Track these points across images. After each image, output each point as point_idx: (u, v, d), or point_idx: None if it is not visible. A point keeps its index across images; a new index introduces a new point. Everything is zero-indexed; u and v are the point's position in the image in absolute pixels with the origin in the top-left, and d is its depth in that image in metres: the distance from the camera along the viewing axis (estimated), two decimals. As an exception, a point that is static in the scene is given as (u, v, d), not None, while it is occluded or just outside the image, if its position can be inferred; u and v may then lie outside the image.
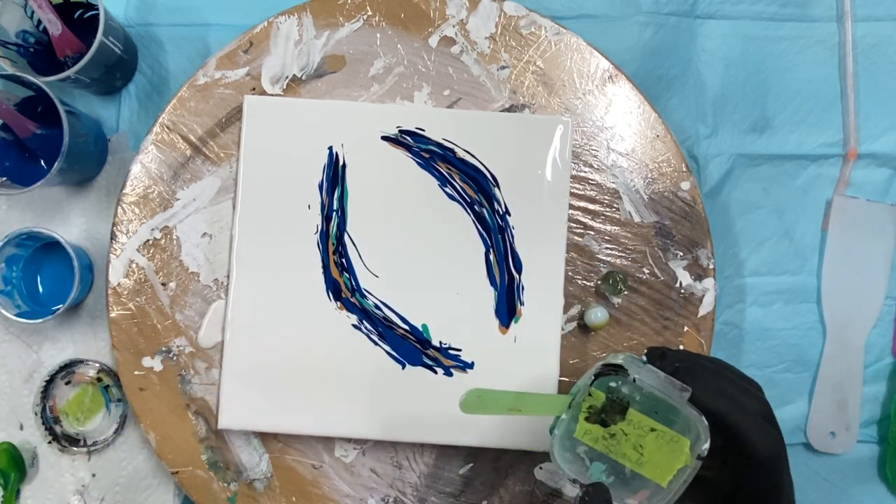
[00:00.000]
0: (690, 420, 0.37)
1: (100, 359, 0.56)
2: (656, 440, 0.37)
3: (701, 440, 0.36)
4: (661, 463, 0.37)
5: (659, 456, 0.37)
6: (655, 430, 0.37)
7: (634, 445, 0.37)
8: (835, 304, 0.57)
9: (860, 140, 0.58)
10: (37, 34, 0.55)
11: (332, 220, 0.54)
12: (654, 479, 0.37)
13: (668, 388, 0.37)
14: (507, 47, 0.56)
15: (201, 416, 0.54)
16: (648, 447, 0.37)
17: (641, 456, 0.37)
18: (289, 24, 0.55)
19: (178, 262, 0.55)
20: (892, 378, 0.57)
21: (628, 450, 0.38)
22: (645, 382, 0.38)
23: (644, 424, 0.37)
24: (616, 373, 0.38)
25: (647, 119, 0.55)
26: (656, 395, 0.38)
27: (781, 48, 0.59)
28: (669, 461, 0.37)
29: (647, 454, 0.37)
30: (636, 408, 0.38)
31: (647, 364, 0.39)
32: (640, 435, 0.37)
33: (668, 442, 0.37)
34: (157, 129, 0.55)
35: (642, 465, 0.37)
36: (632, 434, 0.38)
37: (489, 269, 0.54)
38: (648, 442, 0.37)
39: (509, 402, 0.39)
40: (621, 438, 0.38)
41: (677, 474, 0.37)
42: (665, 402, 0.37)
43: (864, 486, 0.57)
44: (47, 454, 0.56)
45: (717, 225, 0.57)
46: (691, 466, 0.36)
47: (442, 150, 0.54)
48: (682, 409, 0.37)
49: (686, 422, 0.37)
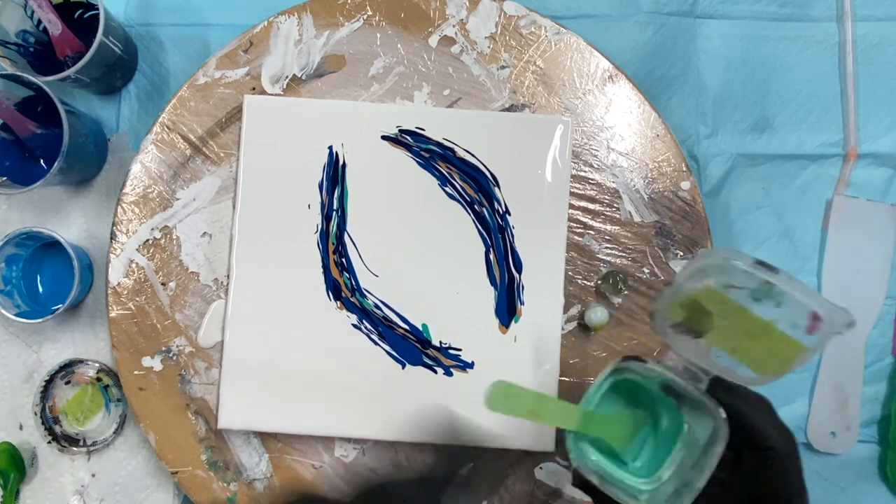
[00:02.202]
0: (705, 413, 0.36)
1: (99, 359, 0.56)
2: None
3: (722, 430, 0.35)
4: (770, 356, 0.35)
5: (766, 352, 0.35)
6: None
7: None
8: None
9: (860, 140, 0.58)
10: (37, 34, 0.55)
11: (332, 220, 0.54)
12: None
13: (686, 381, 0.37)
14: (507, 47, 0.56)
15: (201, 415, 0.54)
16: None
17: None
18: (289, 23, 0.56)
19: (177, 262, 0.55)
20: (892, 378, 0.57)
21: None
22: (657, 375, 0.37)
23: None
24: (634, 359, 0.38)
25: (647, 119, 0.55)
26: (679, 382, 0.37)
27: (781, 48, 0.59)
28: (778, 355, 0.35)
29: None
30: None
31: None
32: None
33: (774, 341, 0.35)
34: (157, 128, 0.55)
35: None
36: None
37: (489, 269, 0.54)
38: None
39: (531, 401, 0.38)
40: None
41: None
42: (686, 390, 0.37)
43: (864, 486, 0.57)
44: (47, 454, 0.56)
45: (717, 225, 0.57)
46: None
47: (442, 149, 0.54)
48: (698, 401, 0.37)
49: (699, 416, 0.37)
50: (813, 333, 0.33)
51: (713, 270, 0.35)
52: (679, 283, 0.36)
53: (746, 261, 0.34)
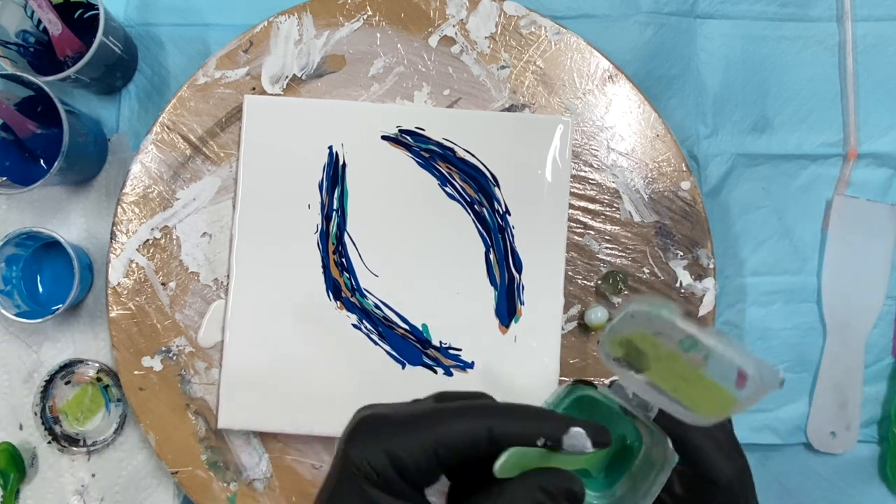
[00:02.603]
0: (658, 438, 0.36)
1: (99, 359, 0.56)
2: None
3: (668, 459, 0.35)
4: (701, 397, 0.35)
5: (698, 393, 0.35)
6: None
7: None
8: (835, 304, 0.57)
9: (860, 140, 0.58)
10: (37, 34, 0.55)
11: (332, 220, 0.54)
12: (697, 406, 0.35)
13: (634, 409, 0.37)
14: (507, 47, 0.56)
15: (201, 415, 0.54)
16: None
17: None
18: (289, 23, 0.55)
19: (177, 262, 0.55)
20: (892, 378, 0.57)
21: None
22: (613, 399, 0.37)
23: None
24: (587, 384, 0.38)
25: (647, 119, 0.55)
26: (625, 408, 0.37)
27: (781, 48, 0.59)
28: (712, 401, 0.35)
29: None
30: None
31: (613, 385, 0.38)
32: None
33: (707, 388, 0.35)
34: (157, 128, 0.55)
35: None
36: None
37: (489, 269, 0.54)
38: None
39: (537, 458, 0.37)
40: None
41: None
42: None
43: (864, 486, 0.57)
44: (47, 454, 0.56)
45: (717, 225, 0.57)
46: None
47: (442, 149, 0.54)
48: (650, 427, 0.36)
49: (654, 439, 0.36)
50: (742, 389, 0.33)
51: (641, 317, 0.34)
52: (613, 324, 0.35)
53: (673, 312, 0.34)
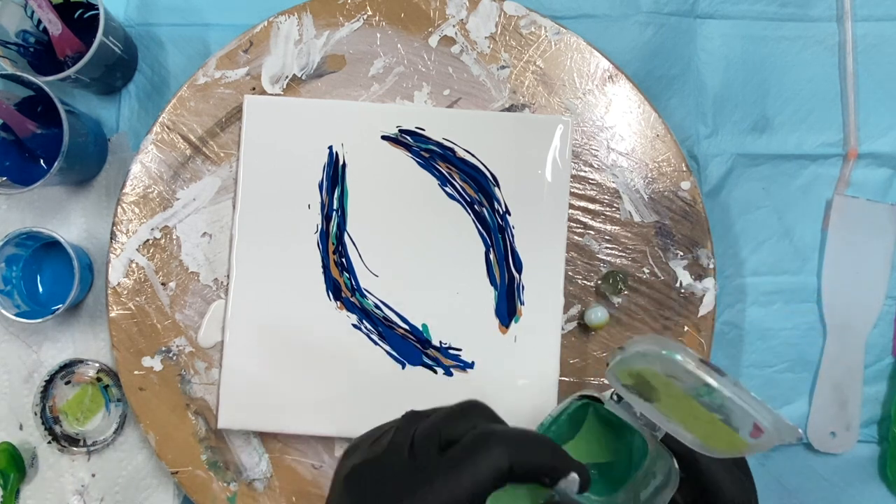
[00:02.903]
0: (663, 455, 0.36)
1: (99, 359, 0.56)
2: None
3: (672, 481, 0.35)
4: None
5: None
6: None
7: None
8: (835, 304, 0.57)
9: (860, 140, 0.58)
10: (37, 34, 0.55)
11: (332, 220, 0.54)
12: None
13: (641, 427, 0.36)
14: (507, 47, 0.56)
15: (201, 415, 0.54)
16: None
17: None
18: (289, 23, 0.55)
19: (177, 262, 0.55)
20: (892, 378, 0.57)
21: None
22: (623, 415, 0.37)
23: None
24: (593, 400, 0.37)
25: (647, 119, 0.55)
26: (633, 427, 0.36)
27: (781, 48, 0.59)
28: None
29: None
30: None
31: (620, 401, 0.37)
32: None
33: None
34: (157, 128, 0.55)
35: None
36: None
37: (489, 269, 0.54)
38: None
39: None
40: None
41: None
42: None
43: (864, 486, 0.57)
44: (47, 454, 0.56)
45: (717, 225, 0.57)
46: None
47: (442, 149, 0.54)
48: (655, 447, 0.36)
49: (660, 454, 0.36)
50: (757, 438, 0.32)
51: (654, 357, 0.33)
52: (624, 356, 0.34)
53: (688, 358, 0.32)
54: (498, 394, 0.53)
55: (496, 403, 0.53)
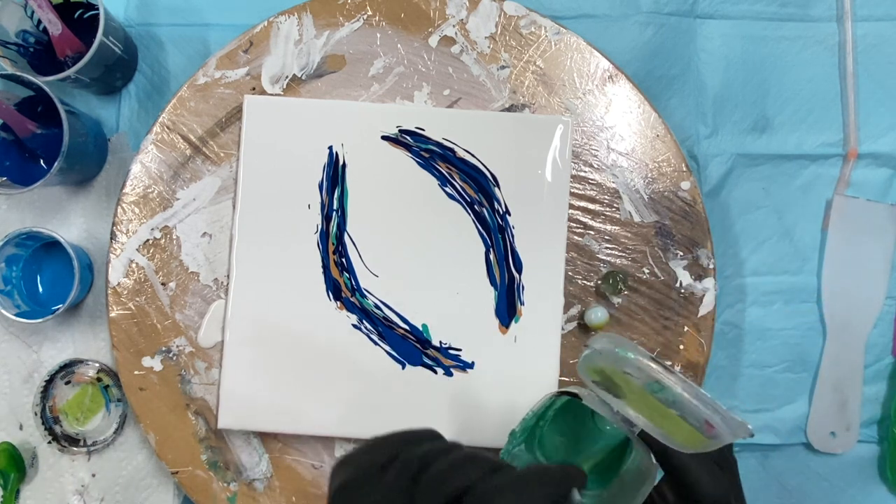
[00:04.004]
0: (642, 453, 0.36)
1: (100, 359, 0.56)
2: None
3: (652, 473, 0.35)
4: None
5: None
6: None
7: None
8: (835, 304, 0.57)
9: (860, 140, 0.58)
10: (37, 34, 0.55)
11: (332, 220, 0.54)
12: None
13: (619, 423, 0.37)
14: (507, 47, 0.56)
15: (201, 415, 0.54)
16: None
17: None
18: (289, 23, 0.55)
19: (177, 262, 0.55)
20: (892, 378, 0.57)
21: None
22: (600, 411, 0.37)
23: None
24: (571, 396, 0.38)
25: (647, 119, 0.55)
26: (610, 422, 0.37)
27: (781, 48, 0.59)
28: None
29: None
30: None
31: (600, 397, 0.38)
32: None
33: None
34: (157, 128, 0.55)
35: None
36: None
37: (489, 269, 0.54)
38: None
39: None
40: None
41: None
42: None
43: (864, 486, 0.57)
44: (47, 454, 0.56)
45: (717, 225, 0.57)
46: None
47: (442, 149, 0.54)
48: (633, 440, 0.37)
49: (637, 456, 0.37)
50: (710, 433, 0.33)
51: (609, 355, 0.34)
52: (586, 354, 0.35)
53: (639, 355, 0.33)
54: (498, 394, 0.53)
55: (496, 403, 0.53)
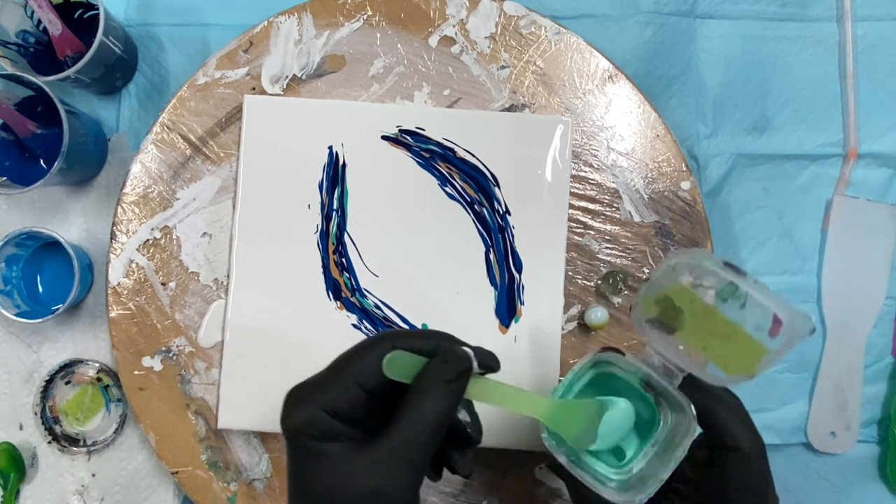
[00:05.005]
0: (679, 406, 0.37)
1: (100, 359, 0.56)
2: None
3: (691, 427, 0.36)
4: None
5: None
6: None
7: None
8: (835, 304, 0.57)
9: (860, 140, 0.58)
10: (37, 34, 0.55)
11: (332, 220, 0.54)
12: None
13: (659, 378, 0.38)
14: (507, 47, 0.56)
15: (201, 415, 0.54)
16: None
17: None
18: (289, 23, 0.55)
19: (177, 262, 0.55)
20: (892, 378, 0.57)
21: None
22: (637, 369, 0.39)
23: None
24: (614, 351, 0.39)
25: (647, 119, 0.55)
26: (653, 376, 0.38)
27: (781, 48, 0.59)
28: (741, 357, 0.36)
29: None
30: None
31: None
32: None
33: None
34: (157, 128, 0.55)
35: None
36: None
37: (489, 269, 0.54)
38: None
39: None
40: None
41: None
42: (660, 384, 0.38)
43: (864, 486, 0.57)
44: (47, 454, 0.56)
45: (717, 225, 0.57)
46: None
47: (442, 149, 0.54)
48: (672, 398, 0.38)
49: (675, 410, 0.38)
50: (775, 337, 0.34)
51: (683, 268, 0.36)
52: (653, 279, 0.37)
53: (715, 261, 0.35)
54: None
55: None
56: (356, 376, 0.34)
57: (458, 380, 0.34)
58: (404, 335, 0.36)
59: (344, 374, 0.35)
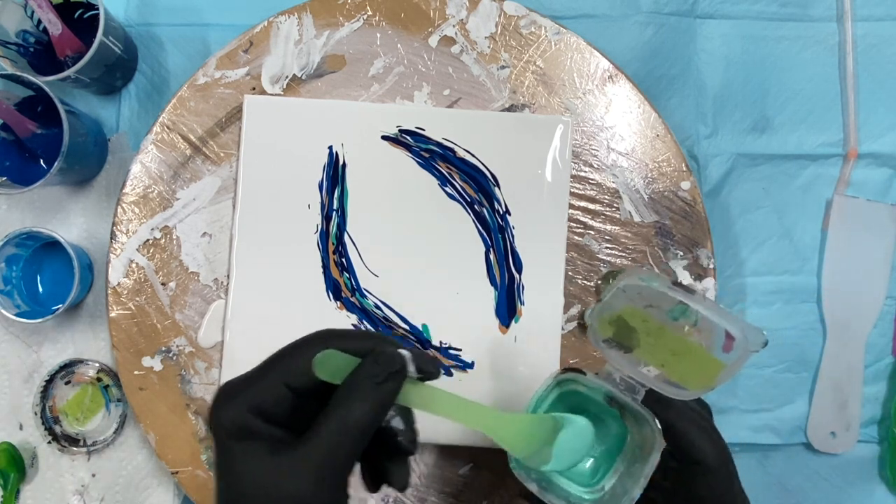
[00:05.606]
0: (644, 421, 0.37)
1: (100, 359, 0.56)
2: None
3: (658, 440, 0.36)
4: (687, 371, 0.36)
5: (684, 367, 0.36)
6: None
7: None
8: (835, 304, 0.57)
9: (860, 140, 0.58)
10: (37, 34, 0.55)
11: (332, 220, 0.54)
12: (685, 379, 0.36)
13: (622, 393, 0.38)
14: (507, 47, 0.56)
15: (201, 415, 0.54)
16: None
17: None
18: (289, 23, 0.55)
19: (177, 262, 0.55)
20: (892, 378, 0.57)
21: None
22: (599, 386, 0.39)
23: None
24: (575, 371, 0.39)
25: (647, 119, 0.55)
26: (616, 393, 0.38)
27: (781, 48, 0.59)
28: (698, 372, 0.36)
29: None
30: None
31: (605, 368, 0.39)
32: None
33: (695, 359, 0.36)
34: (157, 128, 0.55)
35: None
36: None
37: (489, 269, 0.54)
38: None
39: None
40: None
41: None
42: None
43: (864, 486, 0.57)
44: (47, 454, 0.56)
45: (717, 225, 0.57)
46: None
47: (442, 149, 0.54)
48: (636, 414, 0.37)
49: (640, 425, 0.38)
50: (729, 352, 0.34)
51: (632, 290, 0.36)
52: (604, 301, 0.37)
53: (663, 282, 0.35)
54: (498, 394, 0.53)
55: (496, 403, 0.53)
56: (284, 375, 0.32)
57: (387, 382, 0.32)
58: (340, 335, 0.34)
59: (272, 372, 0.33)
